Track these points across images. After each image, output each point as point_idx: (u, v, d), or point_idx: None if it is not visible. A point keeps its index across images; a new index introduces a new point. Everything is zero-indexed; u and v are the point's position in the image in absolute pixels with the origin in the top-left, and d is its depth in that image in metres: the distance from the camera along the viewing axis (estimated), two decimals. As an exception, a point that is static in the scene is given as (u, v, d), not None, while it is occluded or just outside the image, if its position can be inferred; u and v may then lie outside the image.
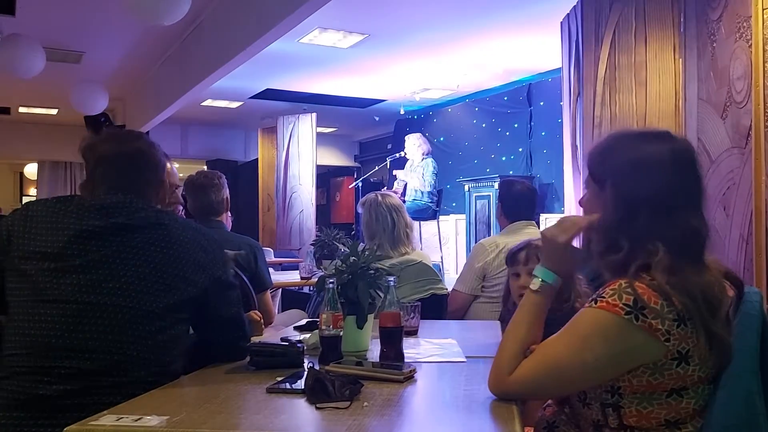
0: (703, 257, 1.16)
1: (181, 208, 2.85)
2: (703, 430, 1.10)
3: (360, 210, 2.82)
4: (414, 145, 6.93)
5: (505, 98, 8.16)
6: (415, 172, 6.84)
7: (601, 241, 1.20)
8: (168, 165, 1.66)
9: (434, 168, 6.78)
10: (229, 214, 3.00)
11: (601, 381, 1.13)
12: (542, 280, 1.25)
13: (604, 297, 1.11)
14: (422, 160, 6.81)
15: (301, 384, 1.26)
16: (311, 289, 4.72)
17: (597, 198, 1.23)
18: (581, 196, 1.30)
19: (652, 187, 1.15)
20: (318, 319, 1.58)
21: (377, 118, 9.89)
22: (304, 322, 2.19)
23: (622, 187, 1.18)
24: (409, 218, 2.77)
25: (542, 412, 1.33)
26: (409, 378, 1.35)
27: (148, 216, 1.43)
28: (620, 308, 1.08)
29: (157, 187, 1.56)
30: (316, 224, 8.09)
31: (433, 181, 6.78)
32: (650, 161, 1.17)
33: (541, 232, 1.30)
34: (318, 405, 1.14)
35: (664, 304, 1.07)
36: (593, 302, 1.12)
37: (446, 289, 2.73)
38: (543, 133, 7.50)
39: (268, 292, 2.97)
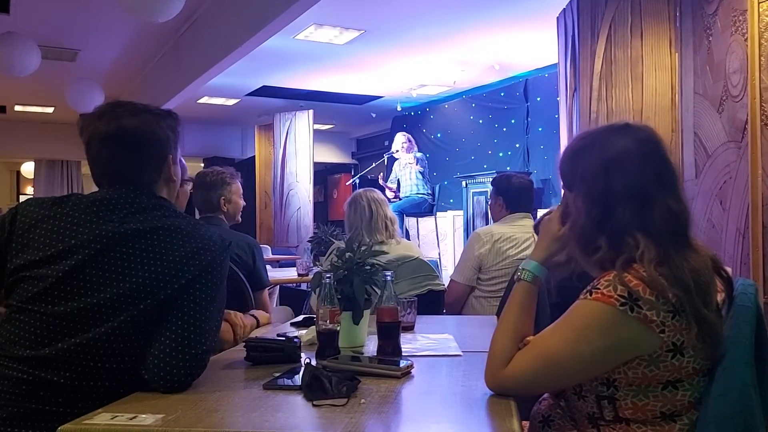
0: (689, 239, 1.16)
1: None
2: (698, 422, 1.10)
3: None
4: (398, 142, 7.09)
5: (502, 94, 8.15)
6: (405, 170, 6.96)
7: (577, 244, 1.21)
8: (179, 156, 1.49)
9: (421, 164, 6.84)
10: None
11: (597, 373, 1.13)
12: (534, 274, 1.27)
13: (599, 288, 1.11)
14: (411, 157, 6.91)
15: (297, 380, 1.26)
16: (308, 286, 4.71)
17: (571, 204, 1.25)
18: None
19: (622, 182, 1.16)
20: (314, 316, 1.57)
21: (374, 115, 9.88)
22: (301, 318, 2.19)
23: (592, 187, 1.19)
24: (390, 212, 2.82)
25: (537, 405, 1.33)
26: (407, 374, 1.35)
27: (145, 219, 1.32)
28: (615, 299, 1.08)
29: (155, 170, 1.42)
30: (314, 221, 8.09)
31: (421, 178, 6.85)
32: (616, 155, 1.18)
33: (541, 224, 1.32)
34: (315, 402, 1.13)
35: (658, 295, 1.07)
36: (588, 294, 1.12)
37: (443, 285, 2.73)
38: (540, 129, 7.50)
39: (266, 290, 2.99)
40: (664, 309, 1.07)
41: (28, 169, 12.04)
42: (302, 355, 1.51)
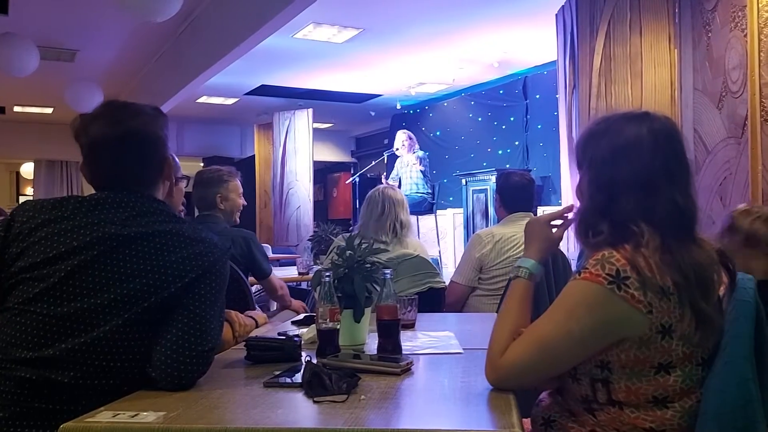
0: (693, 234, 1.16)
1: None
2: (698, 417, 1.11)
3: None
4: (399, 140, 7.04)
5: (501, 92, 8.15)
6: (407, 168, 6.94)
7: (580, 226, 1.23)
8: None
9: (423, 163, 6.81)
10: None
11: (588, 353, 1.14)
12: (531, 272, 1.29)
13: (587, 268, 1.12)
14: (413, 157, 6.88)
15: (298, 378, 1.26)
16: (308, 284, 4.72)
17: (580, 184, 1.27)
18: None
19: (630, 169, 1.16)
20: (316, 314, 1.57)
21: (373, 113, 9.88)
22: (302, 316, 2.19)
23: (599, 171, 1.20)
24: (405, 216, 2.70)
25: (536, 407, 1.33)
26: (407, 370, 1.35)
27: (147, 222, 1.32)
28: (603, 278, 1.10)
29: (158, 170, 1.44)
30: (314, 220, 8.09)
31: (422, 177, 6.82)
32: (627, 143, 1.18)
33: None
34: (315, 399, 1.14)
35: (645, 276, 1.08)
36: (578, 274, 1.14)
37: (444, 282, 2.73)
38: (539, 126, 7.50)
39: (273, 275, 3.03)
40: (652, 290, 1.08)
41: (27, 169, 12.03)
42: (303, 353, 1.51)
